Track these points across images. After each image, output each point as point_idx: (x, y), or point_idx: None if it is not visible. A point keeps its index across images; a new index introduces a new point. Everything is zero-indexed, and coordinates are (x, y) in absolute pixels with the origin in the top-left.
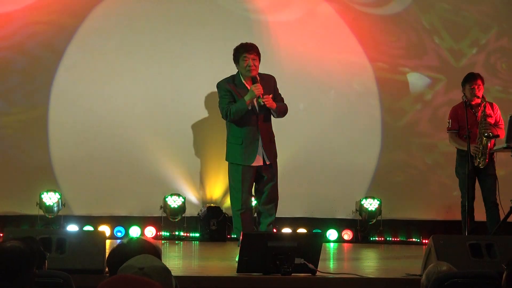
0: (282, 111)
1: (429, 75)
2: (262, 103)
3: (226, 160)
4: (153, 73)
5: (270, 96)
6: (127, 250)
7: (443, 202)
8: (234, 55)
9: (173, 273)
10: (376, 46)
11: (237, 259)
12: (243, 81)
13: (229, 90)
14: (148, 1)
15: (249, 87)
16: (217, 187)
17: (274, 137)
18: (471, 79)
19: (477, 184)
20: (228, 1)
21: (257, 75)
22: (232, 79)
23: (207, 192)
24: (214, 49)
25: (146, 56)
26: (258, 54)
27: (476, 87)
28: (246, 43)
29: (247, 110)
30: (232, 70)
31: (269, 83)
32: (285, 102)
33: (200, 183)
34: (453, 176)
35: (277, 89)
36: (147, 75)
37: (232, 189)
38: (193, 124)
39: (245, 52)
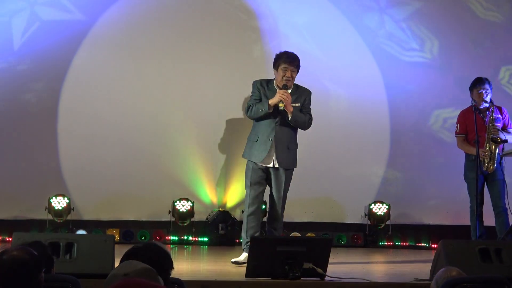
0: (299, 120)
1: (438, 81)
2: (282, 109)
3: (242, 156)
4: (162, 78)
5: (298, 104)
6: (142, 255)
7: (451, 206)
8: (275, 60)
9: (182, 278)
10: (386, 52)
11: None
12: (276, 86)
13: (259, 89)
14: (157, 6)
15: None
16: (226, 192)
17: (295, 146)
18: (479, 83)
19: (485, 189)
20: (236, 4)
21: (288, 85)
22: (266, 82)
23: (215, 196)
24: (222, 53)
25: (154, 61)
26: (298, 66)
27: (484, 91)
28: (290, 53)
29: (267, 112)
30: (240, 74)
31: (302, 95)
32: (311, 117)
33: (209, 187)
34: (461, 181)
35: (309, 103)
36: (155, 80)
37: (245, 186)
38: (202, 129)
39: (287, 62)
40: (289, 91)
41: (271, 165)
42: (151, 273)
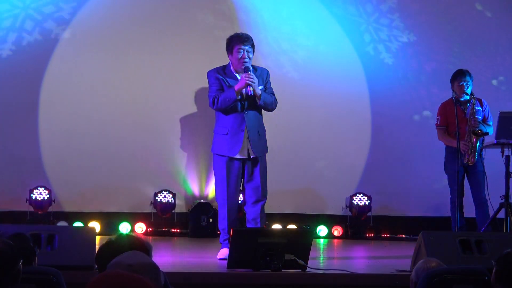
0: (268, 102)
1: (420, 73)
2: (251, 93)
3: (211, 151)
4: (143, 70)
5: (261, 87)
6: (116, 247)
7: (432, 198)
8: (227, 44)
9: (163, 269)
10: (367, 43)
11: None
12: (234, 71)
13: (218, 78)
14: (136, 0)
15: (239, 78)
16: (208, 184)
17: (264, 131)
18: (460, 75)
19: (466, 180)
20: None
21: (250, 66)
22: (222, 69)
23: (197, 188)
24: (200, 44)
25: (135, 54)
26: (253, 46)
27: (465, 83)
28: (241, 33)
29: (235, 99)
30: (220, 64)
31: (261, 75)
32: (275, 97)
33: (191, 179)
34: (442, 173)
35: (269, 82)
36: (136, 73)
37: (217, 182)
38: (183, 121)
39: (241, 43)
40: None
41: (246, 156)
42: (154, 270)
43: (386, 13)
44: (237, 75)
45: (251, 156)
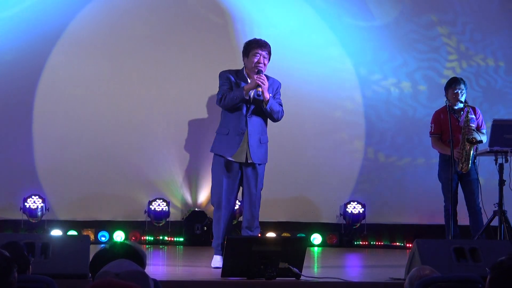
0: (274, 109)
1: (413, 82)
2: (259, 94)
3: (210, 150)
4: (137, 77)
5: (270, 94)
6: (110, 255)
7: (426, 206)
8: (245, 48)
9: (157, 278)
10: (360, 47)
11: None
12: (246, 75)
13: (229, 78)
14: (132, 7)
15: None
16: (202, 192)
17: (266, 140)
18: (454, 83)
19: (459, 188)
20: (209, 5)
21: (262, 70)
22: (235, 71)
23: (191, 196)
24: (195, 53)
25: (128, 62)
26: (270, 53)
27: (459, 91)
28: (260, 39)
29: (243, 98)
30: (214, 73)
31: (272, 85)
32: (283, 109)
33: (185, 187)
34: (436, 180)
35: (279, 93)
36: (130, 80)
37: (213, 183)
38: (178, 129)
39: (258, 48)
40: None
41: (243, 160)
42: (142, 277)
43: (383, 17)
44: (248, 79)
45: (249, 161)
